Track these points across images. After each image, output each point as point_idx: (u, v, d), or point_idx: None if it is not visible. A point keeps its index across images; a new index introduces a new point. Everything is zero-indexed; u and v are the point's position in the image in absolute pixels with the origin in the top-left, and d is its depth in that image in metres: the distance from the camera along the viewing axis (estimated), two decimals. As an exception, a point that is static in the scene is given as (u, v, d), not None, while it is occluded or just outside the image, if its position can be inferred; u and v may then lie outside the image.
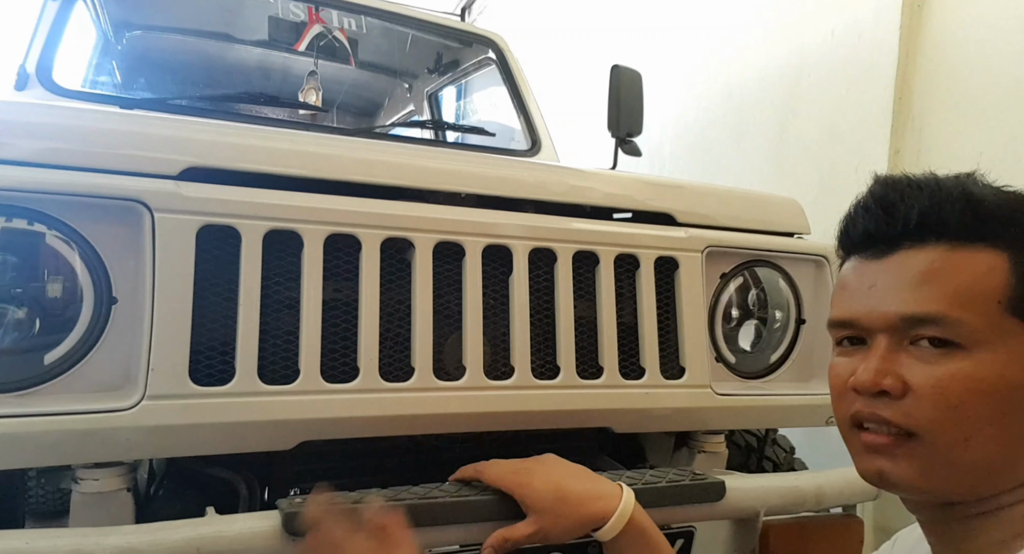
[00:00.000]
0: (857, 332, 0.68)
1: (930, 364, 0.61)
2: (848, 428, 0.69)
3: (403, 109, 2.85)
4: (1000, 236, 0.62)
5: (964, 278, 0.61)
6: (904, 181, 0.67)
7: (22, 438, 0.87)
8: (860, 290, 0.67)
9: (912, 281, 0.62)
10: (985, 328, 0.60)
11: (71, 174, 0.91)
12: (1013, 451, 0.61)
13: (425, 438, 1.18)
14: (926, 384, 0.61)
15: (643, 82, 1.98)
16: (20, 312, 0.89)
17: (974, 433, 0.60)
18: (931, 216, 0.63)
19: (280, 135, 1.22)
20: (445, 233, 1.08)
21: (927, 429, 0.61)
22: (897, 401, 0.62)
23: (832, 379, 0.71)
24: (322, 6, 2.30)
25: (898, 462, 0.63)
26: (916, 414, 0.61)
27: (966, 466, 0.61)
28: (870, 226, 0.67)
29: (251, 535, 0.86)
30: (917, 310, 0.61)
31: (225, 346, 0.97)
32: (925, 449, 0.61)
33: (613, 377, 1.17)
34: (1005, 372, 0.60)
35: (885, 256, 0.65)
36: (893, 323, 0.63)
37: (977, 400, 0.59)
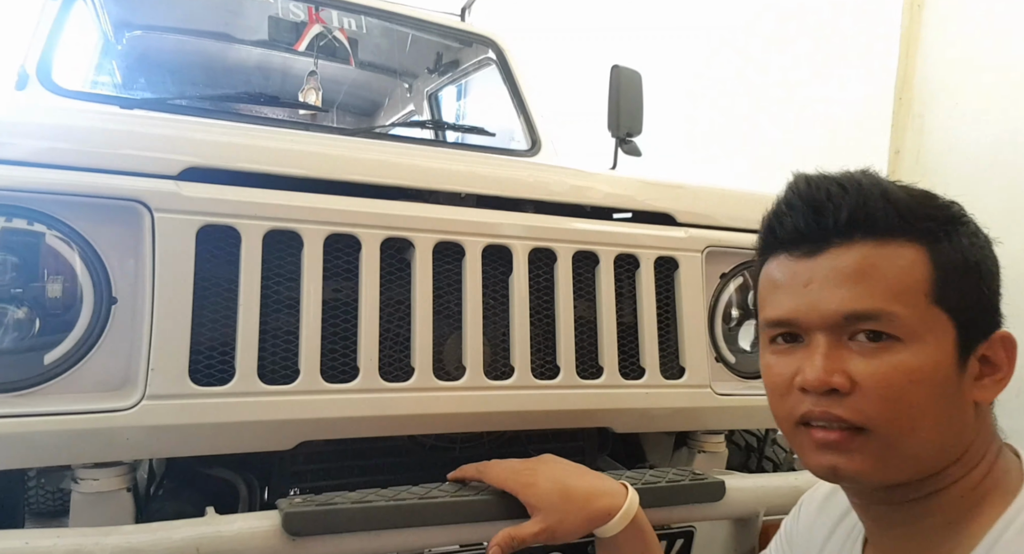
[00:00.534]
0: (793, 330, 0.68)
1: (872, 358, 0.63)
2: (793, 426, 0.69)
3: (403, 109, 2.85)
4: (917, 231, 0.65)
5: (894, 273, 0.63)
6: (825, 180, 0.68)
7: (22, 438, 0.87)
8: (795, 288, 0.67)
9: (848, 278, 0.64)
10: (917, 320, 0.62)
11: (71, 174, 0.91)
12: (949, 433, 0.64)
13: (425, 438, 1.18)
14: (871, 379, 0.62)
15: (643, 82, 1.98)
16: (20, 312, 0.89)
17: (919, 421, 0.62)
18: (859, 214, 0.65)
19: (280, 135, 1.22)
20: (445, 233, 1.08)
21: (877, 422, 0.62)
22: (846, 397, 0.63)
23: (772, 378, 0.71)
24: (322, 6, 2.30)
25: (852, 456, 0.64)
26: (866, 409, 0.62)
27: (914, 453, 0.63)
28: (799, 224, 0.67)
29: (251, 535, 0.86)
30: (857, 307, 0.63)
31: (225, 346, 0.97)
32: (876, 442, 0.63)
33: (613, 377, 1.17)
34: (937, 359, 0.62)
35: (815, 254, 0.66)
36: (834, 321, 0.64)
37: (919, 390, 0.62)
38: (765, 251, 0.73)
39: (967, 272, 0.65)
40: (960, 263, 0.65)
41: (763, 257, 0.74)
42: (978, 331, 0.65)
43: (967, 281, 0.65)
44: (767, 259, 0.73)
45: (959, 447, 0.65)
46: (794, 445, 0.71)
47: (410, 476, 1.06)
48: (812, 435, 0.66)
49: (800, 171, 0.71)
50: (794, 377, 0.67)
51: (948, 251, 0.64)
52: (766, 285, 0.72)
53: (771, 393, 0.72)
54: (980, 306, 0.66)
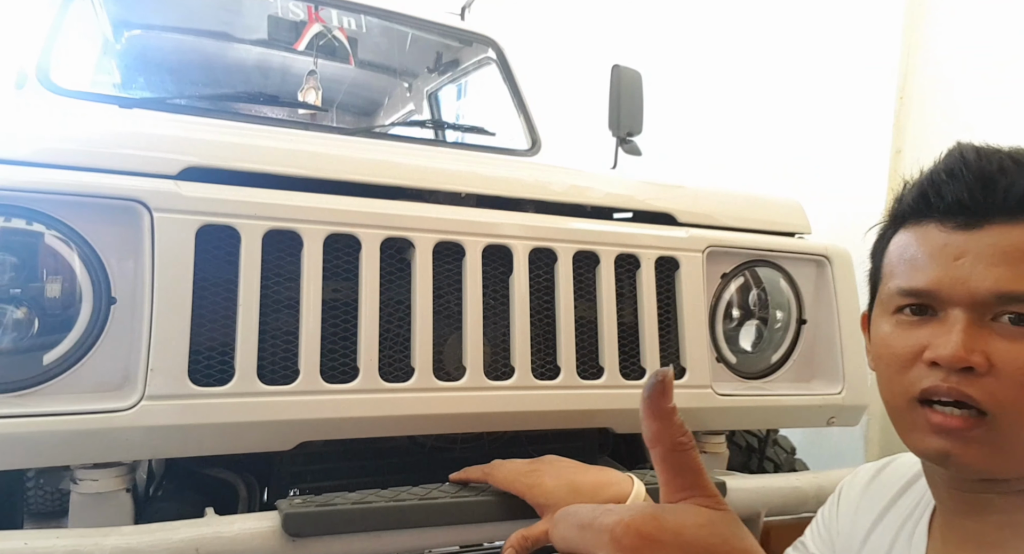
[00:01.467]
0: (928, 302, 0.65)
1: (1015, 342, 0.60)
2: (908, 402, 0.65)
3: (403, 108, 2.85)
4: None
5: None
6: (998, 153, 0.64)
7: (21, 438, 0.86)
8: (943, 260, 0.63)
9: (1008, 258, 0.60)
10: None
11: (70, 174, 0.90)
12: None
13: (425, 438, 1.18)
14: (1013, 363, 0.59)
15: (643, 82, 1.98)
16: (19, 312, 0.89)
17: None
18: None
19: (280, 135, 1.21)
20: (445, 233, 1.07)
21: (1004, 408, 0.59)
22: (980, 378, 0.60)
23: (893, 349, 0.67)
24: (322, 5, 2.30)
25: (968, 446, 0.61)
26: (999, 393, 0.59)
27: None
28: (962, 195, 0.63)
29: (250, 536, 0.86)
30: (1014, 287, 0.60)
31: (224, 346, 0.96)
32: (998, 431, 0.60)
33: (613, 377, 1.17)
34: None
35: (972, 228, 0.62)
36: (983, 298, 0.61)
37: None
38: (906, 218, 0.69)
39: None
40: None
41: (899, 224, 0.70)
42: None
43: None
44: (904, 226, 0.69)
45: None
46: (901, 423, 0.67)
47: (410, 477, 1.06)
48: (929, 417, 0.63)
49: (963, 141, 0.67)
50: (920, 351, 0.63)
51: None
52: (902, 252, 0.68)
53: (888, 365, 0.68)
54: None
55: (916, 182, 0.69)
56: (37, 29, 1.89)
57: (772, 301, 1.35)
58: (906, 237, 0.68)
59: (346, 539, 0.88)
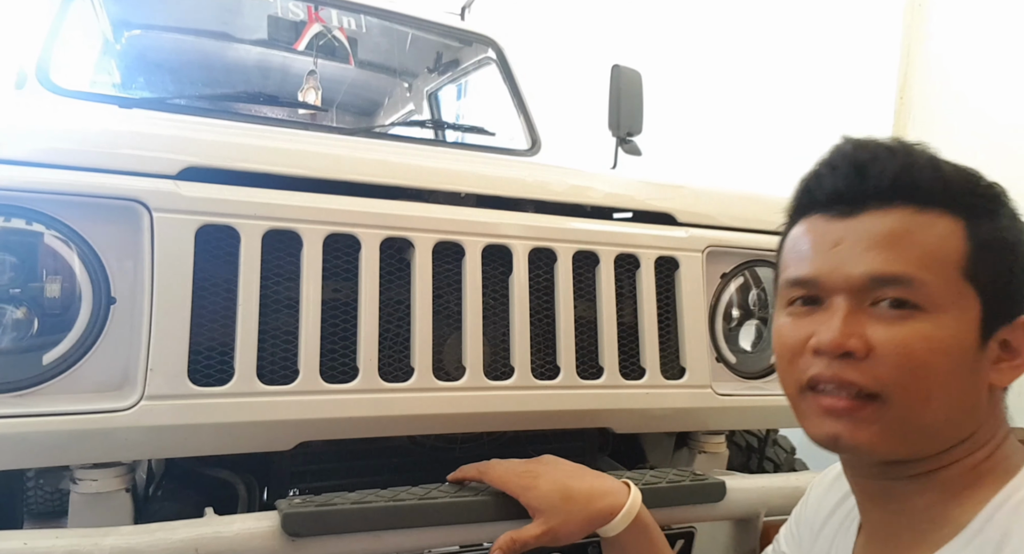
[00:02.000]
0: (814, 292, 0.66)
1: (892, 325, 0.61)
2: (799, 391, 0.67)
3: (403, 108, 2.84)
4: (959, 204, 0.63)
5: (930, 241, 0.62)
6: (874, 143, 0.66)
7: (20, 438, 0.86)
8: (822, 248, 0.65)
9: (881, 241, 0.62)
10: (943, 291, 0.61)
11: (69, 174, 0.90)
12: (960, 411, 0.63)
13: (425, 438, 1.18)
14: (890, 344, 0.61)
15: (643, 82, 1.98)
16: (18, 312, 0.89)
17: (934, 392, 0.61)
18: (904, 178, 0.63)
19: (279, 135, 1.21)
20: (445, 233, 1.07)
21: (891, 390, 0.61)
22: (861, 362, 0.61)
23: (784, 340, 0.69)
24: (321, 5, 2.30)
25: (858, 426, 0.62)
26: (881, 375, 0.61)
27: (924, 426, 0.62)
28: (840, 184, 0.65)
29: (250, 536, 0.86)
30: (886, 270, 0.61)
31: (224, 346, 0.96)
32: (887, 410, 0.61)
33: (613, 377, 1.17)
34: (959, 334, 0.61)
35: (850, 215, 0.64)
36: (859, 283, 0.62)
37: (937, 360, 0.60)
38: (797, 213, 0.71)
39: (1002, 252, 0.63)
40: (997, 242, 0.63)
41: (794, 219, 0.72)
42: (1003, 313, 0.64)
43: (1001, 261, 0.63)
44: (797, 221, 0.71)
45: (968, 427, 0.64)
46: (797, 412, 0.69)
47: (410, 477, 1.06)
48: (819, 401, 0.65)
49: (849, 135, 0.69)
50: (807, 340, 0.65)
51: (987, 228, 0.63)
52: (792, 245, 0.70)
53: (780, 356, 0.70)
54: (1009, 288, 0.64)
55: (803, 178, 0.71)
56: (37, 29, 1.89)
57: (772, 301, 1.35)
58: (796, 231, 0.70)
59: (346, 539, 0.89)
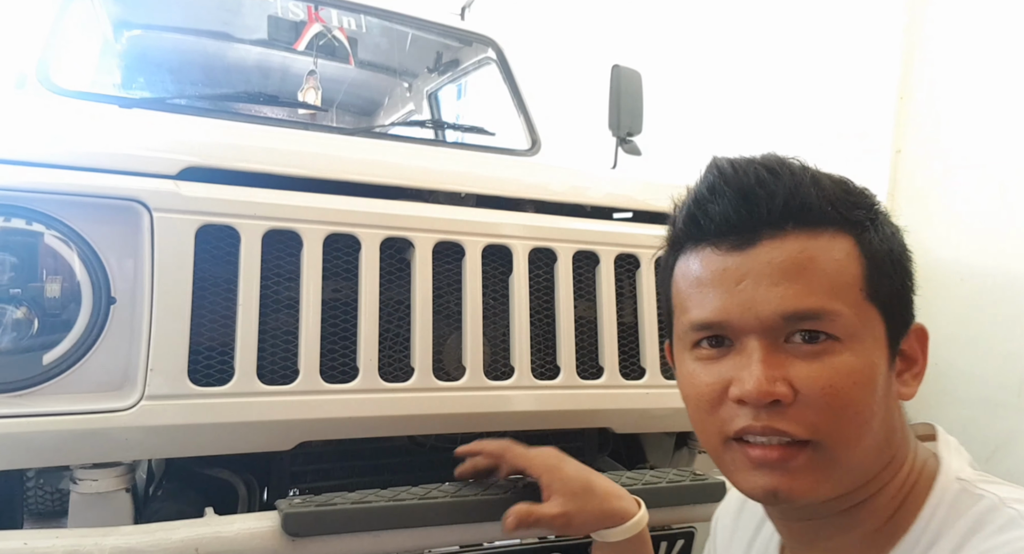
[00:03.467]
0: (722, 333, 0.61)
1: (812, 362, 0.57)
2: (723, 443, 0.61)
3: (403, 108, 2.84)
4: (847, 220, 0.59)
5: (832, 267, 0.58)
6: (752, 164, 0.61)
7: (20, 438, 0.86)
8: (725, 286, 0.60)
9: (786, 274, 0.57)
10: (854, 317, 0.57)
11: (70, 174, 0.90)
12: (883, 437, 0.60)
13: (425, 438, 1.18)
14: (814, 385, 0.56)
15: (643, 82, 1.98)
16: (18, 312, 0.89)
17: (865, 428, 0.57)
18: (793, 202, 0.58)
19: (279, 135, 1.21)
20: (445, 233, 1.07)
21: (824, 433, 0.56)
22: (788, 408, 0.57)
23: (699, 389, 0.62)
24: (321, 5, 2.30)
25: (794, 475, 0.57)
26: (812, 419, 0.56)
27: (857, 462, 0.58)
28: (728, 213, 0.60)
29: (250, 536, 0.86)
30: (799, 306, 0.57)
31: (224, 346, 0.96)
32: (822, 455, 0.57)
33: (613, 377, 1.17)
34: (874, 360, 0.58)
35: (745, 247, 0.59)
36: (771, 322, 0.58)
37: (862, 393, 0.57)
38: (682, 243, 0.65)
39: (892, 263, 0.60)
40: (886, 254, 0.60)
41: (677, 249, 0.66)
42: (902, 325, 0.61)
43: (892, 272, 0.60)
44: (683, 251, 0.65)
45: (891, 450, 0.61)
46: (721, 464, 0.63)
47: (410, 476, 1.06)
48: (748, 453, 0.59)
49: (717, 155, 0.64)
50: (725, 387, 0.59)
51: (875, 241, 0.60)
52: (687, 283, 0.64)
53: (696, 407, 0.63)
54: (902, 298, 0.61)
55: (684, 203, 0.65)
56: (37, 29, 1.89)
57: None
58: (686, 264, 0.64)
59: (346, 539, 0.88)
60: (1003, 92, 1.92)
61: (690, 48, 3.33)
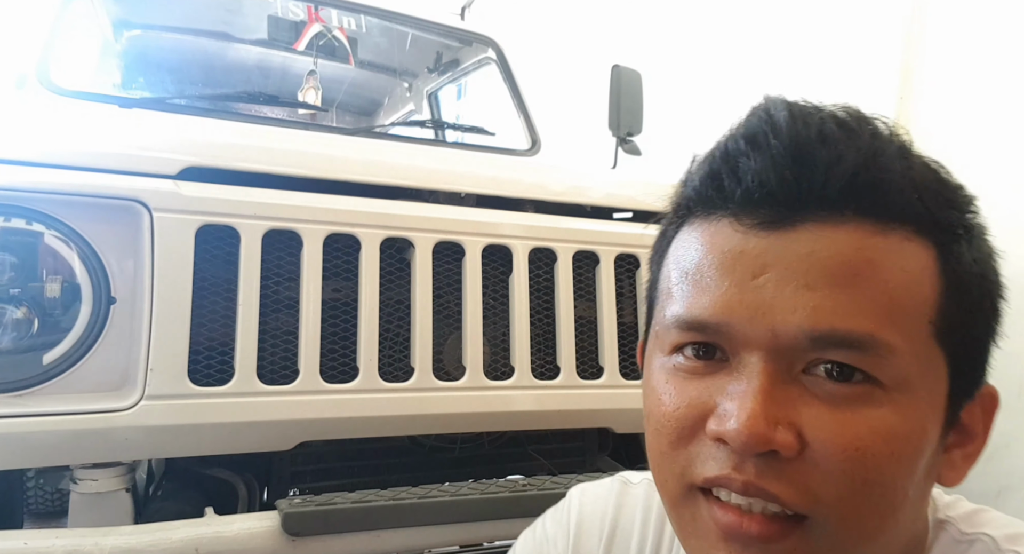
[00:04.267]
0: (715, 340, 0.42)
1: (838, 410, 0.39)
2: (684, 491, 0.43)
3: (403, 108, 2.85)
4: (934, 220, 0.41)
5: (897, 280, 0.39)
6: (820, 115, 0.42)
7: (20, 438, 0.86)
8: (737, 278, 0.41)
9: (830, 278, 0.39)
10: (912, 359, 0.39)
11: (70, 174, 0.90)
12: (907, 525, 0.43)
13: (425, 438, 1.18)
14: (835, 443, 0.38)
15: (643, 82, 1.98)
16: (19, 312, 0.89)
17: (888, 513, 0.40)
18: (866, 177, 0.40)
19: (279, 135, 1.21)
20: (445, 233, 1.07)
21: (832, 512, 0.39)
22: (787, 465, 0.39)
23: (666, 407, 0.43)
24: (321, 5, 2.30)
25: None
26: (820, 488, 0.39)
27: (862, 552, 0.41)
28: (767, 176, 0.40)
29: (250, 535, 0.86)
30: (839, 326, 0.38)
31: (224, 346, 0.96)
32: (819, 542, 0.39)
33: (613, 377, 1.17)
34: (927, 422, 0.40)
35: (781, 227, 0.40)
36: (792, 342, 0.39)
37: (899, 469, 0.39)
38: (692, 209, 0.46)
39: (981, 297, 0.43)
40: (977, 281, 0.42)
41: (683, 218, 0.47)
42: (969, 384, 0.43)
43: (979, 311, 0.43)
44: (690, 221, 0.46)
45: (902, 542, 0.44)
46: (677, 518, 0.44)
47: (410, 476, 1.06)
48: (715, 515, 0.41)
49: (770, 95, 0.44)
50: (703, 416, 0.41)
51: (966, 260, 0.42)
52: (683, 263, 0.45)
53: (657, 433, 0.44)
54: (979, 347, 0.43)
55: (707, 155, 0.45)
56: (37, 29, 1.89)
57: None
58: (690, 239, 0.45)
59: (346, 538, 0.89)
60: (1003, 93, 1.92)
61: (690, 48, 3.33)
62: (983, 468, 0.63)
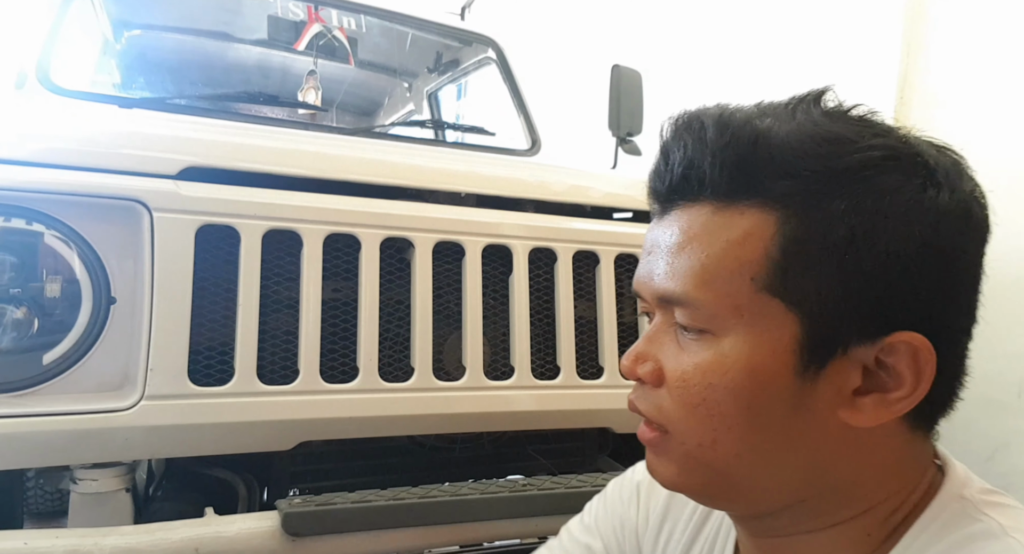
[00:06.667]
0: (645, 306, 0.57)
1: (681, 350, 0.52)
2: None
3: (403, 108, 2.84)
4: (772, 192, 0.48)
5: (715, 249, 0.49)
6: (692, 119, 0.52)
7: (20, 438, 0.86)
8: (643, 257, 0.56)
9: (669, 250, 0.52)
10: (730, 311, 0.49)
11: (70, 174, 0.90)
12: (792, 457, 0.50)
13: (425, 438, 1.18)
14: (673, 376, 0.51)
15: (643, 82, 1.98)
16: (19, 312, 0.89)
17: (721, 435, 0.50)
18: (697, 165, 0.50)
19: (279, 134, 1.22)
20: (445, 233, 1.07)
21: (676, 427, 0.52)
22: (653, 390, 0.53)
23: None
24: (321, 5, 2.30)
25: (659, 459, 0.55)
26: (666, 408, 0.52)
27: (722, 470, 0.51)
28: (653, 180, 0.54)
29: (250, 535, 0.86)
30: (666, 288, 0.51)
31: (224, 346, 0.96)
32: (677, 447, 0.52)
33: (613, 377, 1.17)
34: (753, 363, 0.48)
35: (662, 215, 0.54)
36: (655, 300, 0.53)
37: (720, 396, 0.49)
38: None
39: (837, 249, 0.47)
40: (814, 239, 0.47)
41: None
42: (851, 330, 0.47)
43: (832, 262, 0.47)
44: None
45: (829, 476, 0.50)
46: None
47: (410, 476, 1.06)
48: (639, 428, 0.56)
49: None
50: None
51: (815, 219, 0.47)
52: None
53: None
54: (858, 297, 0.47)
55: None
56: (37, 29, 1.89)
57: None
58: None
59: (346, 538, 0.89)
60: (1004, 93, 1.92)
61: (690, 48, 3.33)
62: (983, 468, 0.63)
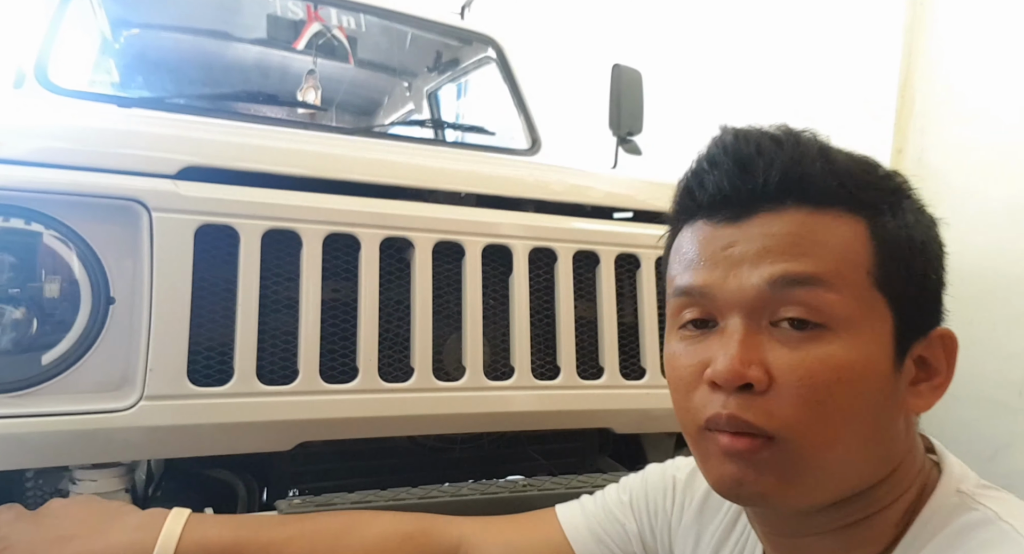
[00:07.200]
0: (706, 307, 0.56)
1: (796, 350, 0.51)
2: (699, 431, 0.56)
3: (402, 108, 2.84)
4: (858, 201, 0.54)
5: (835, 241, 0.52)
6: (757, 133, 0.56)
7: (19, 439, 0.86)
8: (713, 252, 0.55)
9: (780, 242, 0.52)
10: (854, 302, 0.51)
11: (68, 173, 0.90)
12: (877, 448, 0.53)
13: (425, 439, 1.18)
14: (792, 373, 0.50)
15: (643, 82, 1.98)
16: (17, 312, 0.89)
17: (842, 431, 0.51)
18: (793, 174, 0.53)
19: (279, 134, 1.21)
20: (445, 232, 1.07)
21: (791, 431, 0.51)
22: (759, 397, 0.51)
23: (678, 370, 0.58)
24: (321, 4, 2.29)
25: (761, 472, 0.52)
26: (780, 412, 0.51)
27: (829, 471, 0.52)
28: (723, 184, 0.55)
29: (250, 536, 0.86)
30: (791, 268, 0.51)
31: (223, 346, 0.96)
32: (787, 456, 0.51)
33: (613, 377, 1.16)
34: (873, 355, 0.51)
35: (740, 220, 0.54)
36: (757, 292, 0.52)
37: (847, 391, 0.50)
38: (680, 219, 0.61)
39: (912, 253, 0.54)
40: (905, 242, 0.54)
41: (677, 227, 0.62)
42: (917, 326, 0.54)
43: (912, 264, 0.54)
44: (681, 228, 0.60)
45: (887, 465, 0.54)
46: (697, 453, 0.58)
47: (410, 477, 1.06)
48: (720, 441, 0.53)
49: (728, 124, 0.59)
50: (703, 369, 0.54)
51: (892, 227, 0.54)
52: (677, 255, 0.60)
53: (676, 389, 0.58)
54: (923, 296, 0.55)
55: (683, 176, 0.60)
56: (36, 29, 1.88)
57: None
58: (680, 239, 0.60)
59: (346, 540, 0.88)
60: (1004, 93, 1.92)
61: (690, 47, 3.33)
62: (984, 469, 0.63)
